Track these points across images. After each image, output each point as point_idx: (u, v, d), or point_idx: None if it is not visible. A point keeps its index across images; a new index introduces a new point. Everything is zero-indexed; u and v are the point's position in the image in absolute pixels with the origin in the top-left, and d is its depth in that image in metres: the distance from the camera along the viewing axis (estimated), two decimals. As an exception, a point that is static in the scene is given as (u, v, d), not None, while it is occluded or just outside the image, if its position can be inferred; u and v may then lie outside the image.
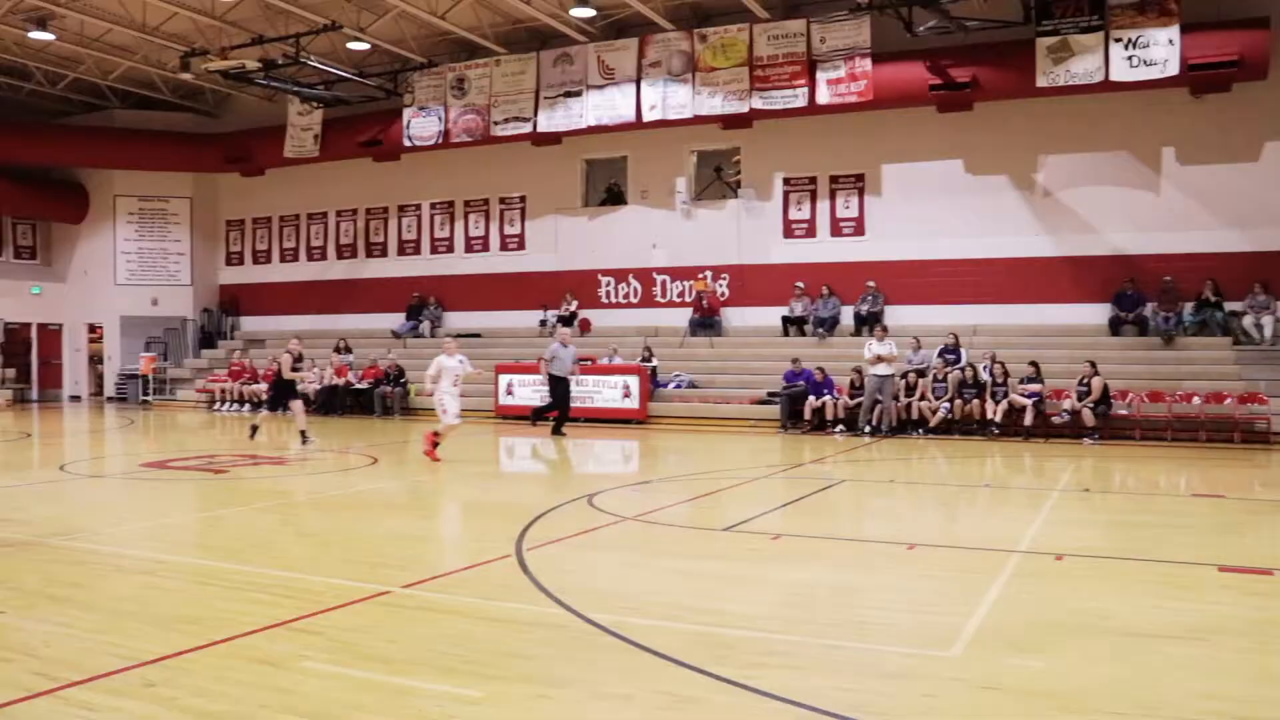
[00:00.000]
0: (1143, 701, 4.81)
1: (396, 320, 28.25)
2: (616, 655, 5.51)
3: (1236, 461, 16.15)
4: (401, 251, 29.29)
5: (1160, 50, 19.73)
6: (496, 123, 25.53)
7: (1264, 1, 19.86)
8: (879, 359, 19.67)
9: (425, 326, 27.74)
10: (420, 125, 26.43)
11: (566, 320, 25.69)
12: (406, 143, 26.67)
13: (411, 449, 17.79)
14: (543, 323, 26.25)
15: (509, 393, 23.43)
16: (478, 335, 26.82)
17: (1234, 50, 19.59)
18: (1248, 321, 20.27)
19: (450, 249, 28.61)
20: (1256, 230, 20.63)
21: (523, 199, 27.56)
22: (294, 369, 17.61)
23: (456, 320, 27.86)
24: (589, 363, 22.81)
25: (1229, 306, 20.64)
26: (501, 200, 27.84)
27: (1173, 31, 19.64)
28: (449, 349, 15.39)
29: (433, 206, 28.84)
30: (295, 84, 25.45)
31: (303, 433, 17.08)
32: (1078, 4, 20.31)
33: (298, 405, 17.57)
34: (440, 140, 26.31)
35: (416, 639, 5.78)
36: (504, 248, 27.86)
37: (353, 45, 24.84)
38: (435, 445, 14.82)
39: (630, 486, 13.28)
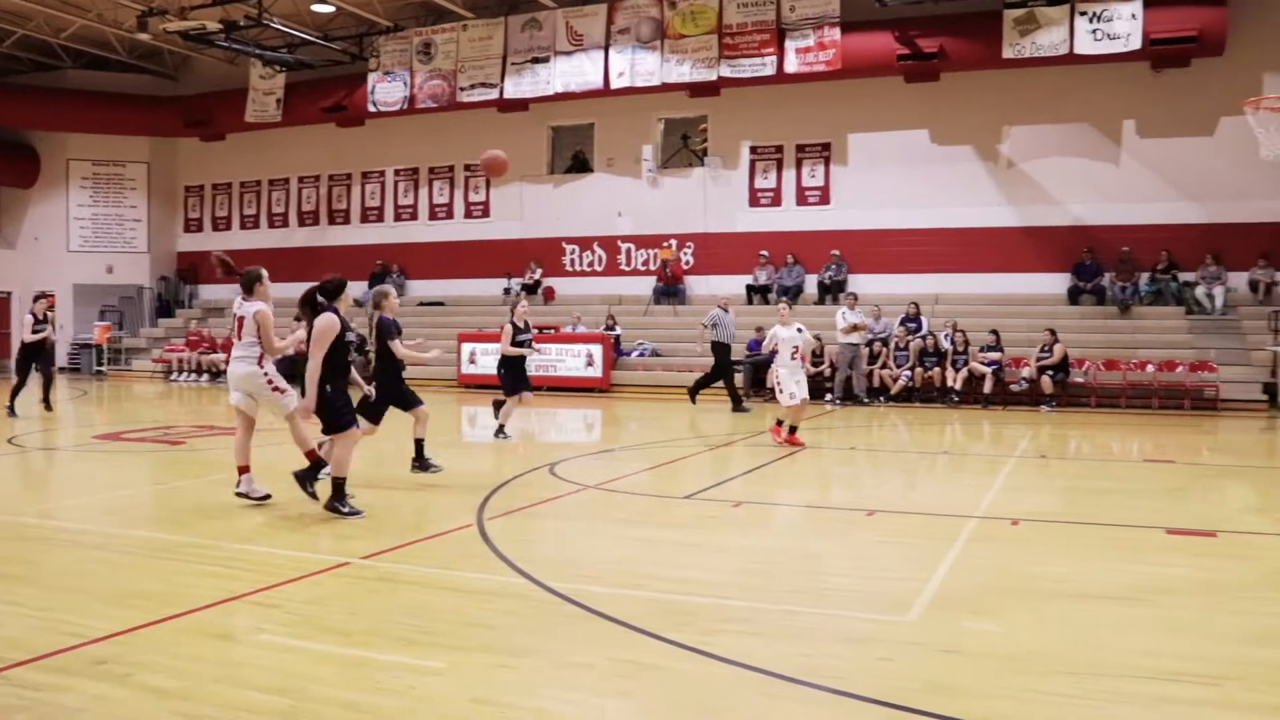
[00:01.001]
0: (1093, 661, 4.90)
1: (359, 289, 27.97)
2: (578, 624, 5.53)
3: (1186, 428, 16.44)
4: (365, 219, 29.05)
5: (1123, 24, 20.08)
6: (463, 89, 25.32)
7: (1224, -21, 20.07)
8: (854, 328, 19.75)
9: (388, 294, 27.49)
10: (385, 90, 26.17)
11: (531, 289, 25.62)
12: (371, 108, 26.44)
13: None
14: (506, 291, 26.17)
15: (471, 362, 23.33)
16: (440, 303, 26.71)
17: (1193, 26, 19.95)
18: (1200, 292, 20.64)
19: (414, 216, 28.42)
20: (1209, 203, 20.94)
21: (488, 166, 27.33)
22: (516, 342, 13.48)
23: (420, 288, 27.71)
24: (553, 331, 22.78)
25: (1182, 277, 21.01)
26: (467, 167, 27.63)
27: (1135, 6, 20.04)
28: (784, 317, 13.14)
29: (397, 173, 28.61)
30: (257, 46, 25.12)
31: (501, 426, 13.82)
32: (1044, -24, 20.50)
33: (529, 396, 13.98)
34: (405, 106, 26.09)
35: (376, 610, 5.77)
36: (468, 215, 27.71)
37: (317, 7, 24.50)
38: (793, 431, 13.06)
39: (592, 455, 13.30)
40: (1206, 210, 20.94)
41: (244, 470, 8.70)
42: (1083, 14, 20.33)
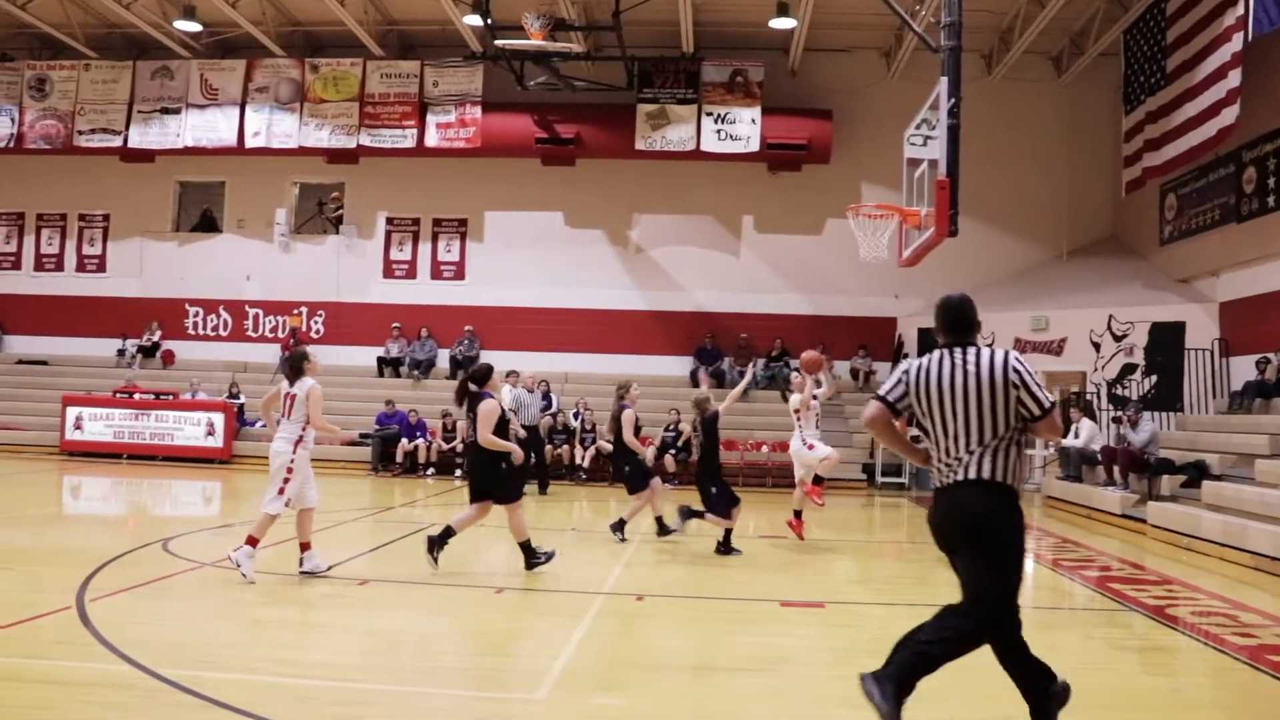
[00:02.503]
0: (713, 735, 5.10)
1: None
2: (189, 713, 5.15)
3: (798, 507, 17.57)
4: (-43, 264, 26.16)
5: (744, 128, 21.98)
6: (81, 132, 23.61)
7: (830, 96, 22.66)
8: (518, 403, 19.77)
9: (-20, 351, 24.90)
10: (-12, 125, 23.95)
11: (149, 351, 24.06)
12: (-31, 142, 24.06)
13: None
14: (121, 352, 24.36)
15: (77, 427, 21.46)
16: (44, 363, 24.47)
17: (804, 136, 22.25)
18: (809, 377, 22.34)
19: (17, 265, 25.82)
20: (817, 296, 22.90)
21: (106, 217, 25.47)
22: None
23: (19, 345, 25.21)
24: (170, 397, 21.41)
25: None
26: (82, 217, 25.56)
27: (755, 112, 22.03)
28: (799, 384, 12.56)
29: (-1, 217, 26.04)
30: None
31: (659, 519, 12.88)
32: (676, 77, 22.30)
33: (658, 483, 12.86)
34: (12, 144, 23.93)
35: (-54, 710, 5.11)
36: (81, 269, 25.57)
37: (-98, 21, 22.04)
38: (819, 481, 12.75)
39: (210, 530, 12.54)
40: (814, 303, 22.89)
41: (305, 547, 9.23)
42: (709, 115, 22.04)
